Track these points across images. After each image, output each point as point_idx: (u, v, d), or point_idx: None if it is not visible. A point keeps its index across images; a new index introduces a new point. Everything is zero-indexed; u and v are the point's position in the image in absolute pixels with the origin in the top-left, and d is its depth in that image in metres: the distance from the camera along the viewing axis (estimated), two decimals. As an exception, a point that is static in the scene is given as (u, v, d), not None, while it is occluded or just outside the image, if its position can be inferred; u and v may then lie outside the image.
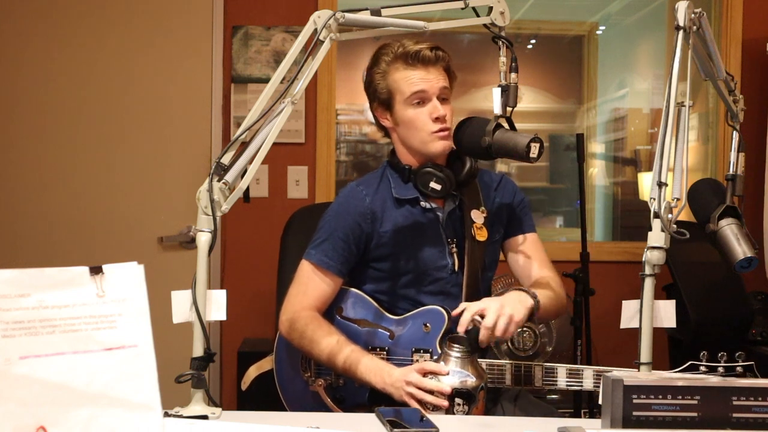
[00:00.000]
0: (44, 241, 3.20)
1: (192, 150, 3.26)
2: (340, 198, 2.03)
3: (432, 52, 1.92)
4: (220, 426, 1.50)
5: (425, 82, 1.92)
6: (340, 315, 1.95)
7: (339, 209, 1.99)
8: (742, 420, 1.32)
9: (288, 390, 1.97)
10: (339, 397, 1.91)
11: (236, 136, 1.68)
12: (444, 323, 1.87)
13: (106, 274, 1.09)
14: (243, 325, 3.15)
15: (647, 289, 1.59)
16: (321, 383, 1.90)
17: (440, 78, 1.93)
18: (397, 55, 1.93)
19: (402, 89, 1.93)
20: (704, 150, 3.69)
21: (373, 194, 1.99)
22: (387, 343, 1.89)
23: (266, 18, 3.35)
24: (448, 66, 1.96)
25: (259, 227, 3.27)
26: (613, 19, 4.74)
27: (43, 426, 1.01)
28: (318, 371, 1.92)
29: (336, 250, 1.94)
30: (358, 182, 2.06)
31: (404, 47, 1.93)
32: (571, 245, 3.38)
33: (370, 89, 2.00)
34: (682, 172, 1.65)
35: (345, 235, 1.95)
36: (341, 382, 1.90)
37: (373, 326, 1.92)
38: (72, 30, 3.23)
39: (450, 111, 1.96)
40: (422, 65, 1.92)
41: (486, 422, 1.67)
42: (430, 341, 1.87)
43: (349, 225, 1.95)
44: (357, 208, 1.97)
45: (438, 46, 1.95)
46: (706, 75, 1.92)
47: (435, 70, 1.93)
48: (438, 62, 1.93)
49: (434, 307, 1.89)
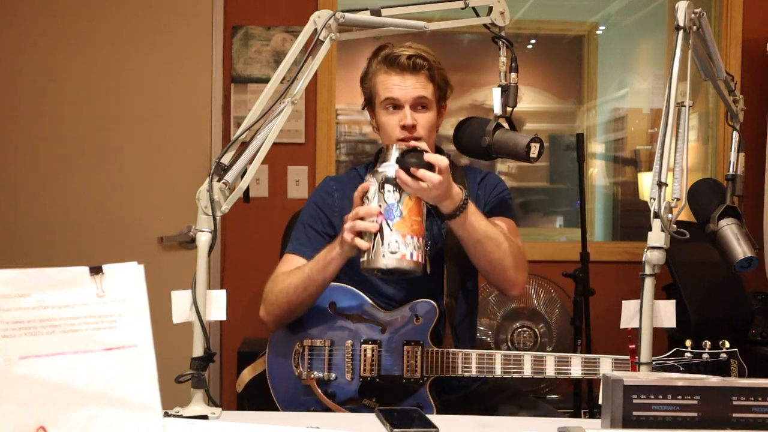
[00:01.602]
0: (44, 241, 3.20)
1: (192, 150, 3.26)
2: (312, 192, 2.14)
3: (409, 60, 1.91)
4: (220, 426, 1.50)
5: (399, 89, 1.92)
6: (333, 310, 1.96)
7: (309, 202, 2.10)
8: (742, 420, 1.32)
9: (280, 388, 1.98)
10: (330, 392, 1.92)
11: (236, 136, 1.68)
12: (435, 315, 1.89)
13: (106, 274, 1.09)
14: (243, 325, 3.14)
15: (647, 289, 1.59)
16: (313, 377, 1.92)
17: (417, 86, 1.92)
18: (381, 58, 1.95)
19: (379, 93, 1.96)
20: (704, 150, 3.69)
21: (343, 190, 2.05)
22: (379, 336, 1.91)
23: (266, 18, 3.35)
24: (432, 75, 1.94)
25: (259, 227, 3.27)
26: (613, 19, 4.74)
27: (43, 426, 1.01)
28: (310, 365, 1.93)
29: (309, 238, 2.02)
30: (333, 177, 2.17)
31: (389, 50, 1.94)
32: (571, 245, 3.38)
33: (362, 87, 2.04)
34: (682, 172, 1.65)
35: (316, 225, 2.04)
36: (332, 376, 1.91)
37: (365, 320, 1.94)
38: (72, 30, 3.23)
39: (426, 120, 1.94)
40: (399, 71, 1.92)
41: (486, 422, 1.67)
42: (422, 333, 1.88)
43: (318, 216, 2.04)
44: (325, 201, 2.06)
45: (421, 54, 1.92)
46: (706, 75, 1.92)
47: (412, 78, 1.92)
48: (417, 70, 1.92)
49: (425, 300, 1.91)
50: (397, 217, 1.70)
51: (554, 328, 3.04)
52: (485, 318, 3.09)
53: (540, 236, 4.71)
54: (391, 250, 1.69)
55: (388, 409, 1.63)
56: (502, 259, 1.86)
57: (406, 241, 1.69)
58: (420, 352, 1.87)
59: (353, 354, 1.90)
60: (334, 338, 1.92)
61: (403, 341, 1.88)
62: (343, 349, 1.91)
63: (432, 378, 1.87)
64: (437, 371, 1.86)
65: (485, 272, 1.92)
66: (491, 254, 1.85)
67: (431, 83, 1.94)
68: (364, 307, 1.95)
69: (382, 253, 1.69)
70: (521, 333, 3.00)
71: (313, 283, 1.89)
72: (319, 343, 1.92)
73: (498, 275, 1.89)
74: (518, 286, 1.92)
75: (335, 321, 1.95)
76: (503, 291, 1.95)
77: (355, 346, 1.90)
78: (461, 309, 2.03)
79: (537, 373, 1.83)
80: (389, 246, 1.69)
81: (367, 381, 1.87)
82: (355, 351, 1.90)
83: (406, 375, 1.87)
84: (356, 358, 1.90)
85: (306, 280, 1.89)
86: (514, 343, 3.01)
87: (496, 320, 3.08)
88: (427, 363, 1.86)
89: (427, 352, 1.87)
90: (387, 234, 1.69)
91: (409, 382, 1.86)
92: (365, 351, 1.89)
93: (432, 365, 1.86)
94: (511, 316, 3.08)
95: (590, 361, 1.81)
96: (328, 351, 1.92)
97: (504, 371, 1.84)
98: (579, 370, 1.80)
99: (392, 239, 1.68)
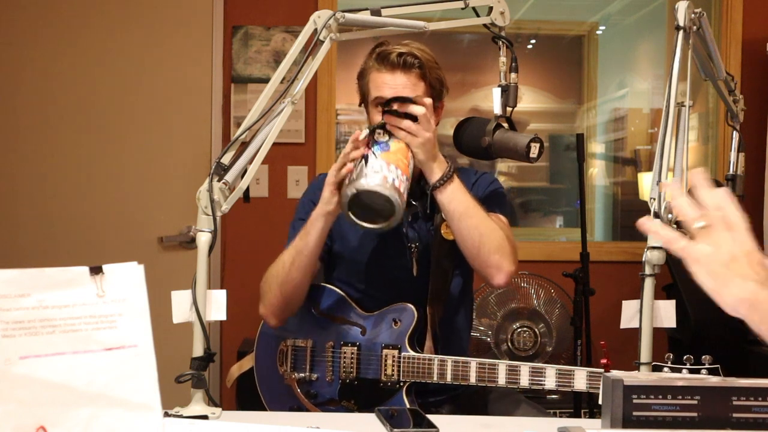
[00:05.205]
0: (45, 241, 3.20)
1: (192, 150, 3.26)
2: (306, 189, 2.11)
3: (399, 58, 1.86)
4: (220, 426, 1.50)
5: (388, 87, 1.87)
6: (316, 311, 1.97)
7: (303, 199, 2.07)
8: (742, 420, 1.32)
9: (265, 386, 1.99)
10: (311, 391, 1.93)
11: (236, 136, 1.68)
12: (413, 320, 1.87)
13: (106, 274, 1.09)
14: (243, 325, 3.13)
15: (647, 289, 1.60)
16: (294, 377, 1.92)
17: (407, 85, 1.86)
18: (375, 57, 1.91)
19: (370, 91, 1.92)
20: (704, 150, 3.69)
21: None
22: (359, 339, 1.91)
23: (266, 18, 3.35)
24: (423, 73, 1.88)
25: (259, 227, 3.27)
26: (613, 19, 4.74)
27: (43, 426, 1.01)
28: (293, 365, 1.93)
29: None
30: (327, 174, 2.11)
31: (383, 48, 1.90)
32: (571, 245, 3.38)
33: (358, 86, 1.99)
34: (682, 172, 1.65)
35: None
36: (314, 376, 1.91)
37: (347, 322, 1.94)
38: (72, 30, 3.23)
39: None
40: (389, 69, 1.87)
41: (486, 422, 1.67)
42: (400, 337, 1.87)
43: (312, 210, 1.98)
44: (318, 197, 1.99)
45: (413, 52, 1.87)
46: (706, 75, 1.92)
47: (403, 77, 1.86)
48: (408, 68, 1.86)
49: (404, 304, 1.90)
50: (384, 149, 1.73)
51: (554, 328, 3.04)
52: (485, 318, 3.09)
53: (540, 236, 4.71)
54: (374, 170, 1.68)
55: (389, 408, 1.63)
56: (487, 236, 1.82)
57: (390, 168, 1.69)
58: (396, 357, 1.85)
59: (333, 355, 1.90)
60: (316, 339, 1.92)
61: (382, 344, 1.87)
62: (324, 350, 1.91)
63: (409, 383, 1.85)
64: (413, 376, 1.84)
65: (469, 253, 1.85)
66: (475, 230, 1.81)
67: (422, 81, 1.88)
68: (346, 309, 1.95)
69: (364, 173, 1.67)
70: (521, 333, 3.00)
71: (299, 255, 1.86)
72: (301, 344, 1.93)
73: (482, 257, 1.83)
74: (503, 272, 1.84)
75: (318, 322, 1.95)
76: (488, 278, 1.87)
77: (336, 347, 1.90)
78: (448, 313, 1.98)
79: (511, 383, 1.78)
80: (372, 167, 1.68)
81: (347, 383, 1.87)
82: (336, 352, 1.90)
83: (383, 378, 1.85)
84: (336, 359, 1.90)
85: (292, 253, 1.87)
86: (514, 343, 3.01)
87: (496, 320, 3.08)
88: (404, 368, 1.84)
89: (403, 357, 1.85)
90: (372, 160, 1.70)
91: (386, 386, 1.85)
92: (345, 353, 1.89)
93: (408, 370, 1.84)
94: (511, 316, 3.08)
95: (565, 372, 1.75)
96: (310, 351, 1.92)
97: (479, 379, 1.80)
98: (553, 381, 1.75)
99: (377, 163, 1.69)
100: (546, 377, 1.77)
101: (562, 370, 1.76)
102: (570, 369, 1.76)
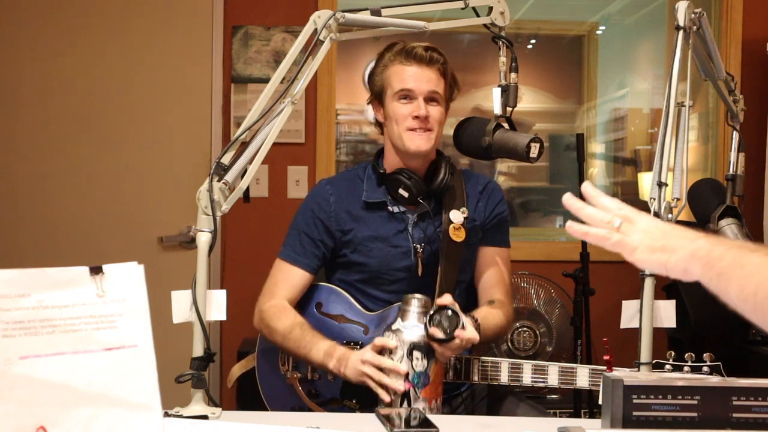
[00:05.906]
0: (44, 241, 3.20)
1: (192, 150, 3.26)
2: (307, 196, 2.10)
3: (426, 52, 1.93)
4: (220, 426, 1.50)
5: (414, 80, 1.93)
6: (319, 311, 1.97)
7: (304, 207, 2.06)
8: (742, 420, 1.32)
9: (267, 385, 2.00)
10: (313, 391, 1.93)
11: (236, 136, 1.69)
12: None
13: (106, 274, 1.09)
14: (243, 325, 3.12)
15: (647, 289, 1.60)
16: (296, 376, 1.92)
17: (432, 80, 1.94)
18: (397, 51, 1.96)
19: (392, 84, 1.96)
20: (704, 150, 3.69)
21: (339, 194, 2.03)
22: (361, 338, 1.91)
23: (266, 18, 3.34)
24: (445, 71, 1.96)
25: (259, 227, 3.27)
26: (613, 19, 4.74)
27: (43, 426, 1.01)
28: (295, 365, 1.94)
29: (303, 246, 2.00)
30: (329, 180, 2.12)
31: (405, 44, 1.96)
32: (571, 245, 3.37)
33: (370, 82, 2.04)
34: (682, 172, 1.66)
35: (310, 231, 2.01)
36: (316, 376, 1.92)
37: (349, 321, 1.95)
38: (71, 30, 3.23)
39: (438, 114, 1.96)
40: (416, 63, 1.93)
41: (486, 422, 1.67)
42: None
43: (313, 222, 2.01)
44: (321, 207, 2.02)
45: (436, 48, 1.95)
46: (706, 75, 1.92)
47: (429, 71, 1.94)
48: (432, 63, 1.93)
49: None
50: (425, 384, 1.70)
51: (554, 328, 3.04)
52: (485, 318, 3.08)
53: (540, 236, 4.70)
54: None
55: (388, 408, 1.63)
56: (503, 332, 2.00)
57: (431, 406, 1.70)
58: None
59: None
60: None
61: None
62: None
63: None
64: None
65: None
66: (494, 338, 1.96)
67: (444, 79, 1.96)
68: (348, 308, 1.96)
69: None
70: (521, 333, 3.00)
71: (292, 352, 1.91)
72: None
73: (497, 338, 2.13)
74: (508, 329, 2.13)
75: (320, 321, 1.95)
76: None
77: None
78: None
79: (514, 380, 1.82)
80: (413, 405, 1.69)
81: (348, 382, 1.86)
82: None
83: None
84: None
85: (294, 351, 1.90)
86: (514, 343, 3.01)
87: (496, 320, 3.07)
88: None
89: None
90: (413, 400, 1.69)
91: None
92: None
93: None
94: (511, 316, 3.08)
95: (567, 370, 1.78)
96: None
97: (482, 377, 1.83)
98: (556, 379, 1.78)
99: (419, 406, 1.69)
100: (549, 375, 1.78)
101: (564, 367, 1.78)
102: (572, 366, 1.78)
